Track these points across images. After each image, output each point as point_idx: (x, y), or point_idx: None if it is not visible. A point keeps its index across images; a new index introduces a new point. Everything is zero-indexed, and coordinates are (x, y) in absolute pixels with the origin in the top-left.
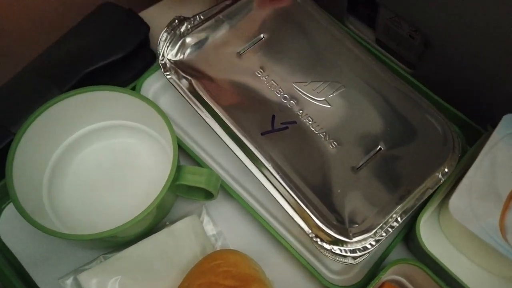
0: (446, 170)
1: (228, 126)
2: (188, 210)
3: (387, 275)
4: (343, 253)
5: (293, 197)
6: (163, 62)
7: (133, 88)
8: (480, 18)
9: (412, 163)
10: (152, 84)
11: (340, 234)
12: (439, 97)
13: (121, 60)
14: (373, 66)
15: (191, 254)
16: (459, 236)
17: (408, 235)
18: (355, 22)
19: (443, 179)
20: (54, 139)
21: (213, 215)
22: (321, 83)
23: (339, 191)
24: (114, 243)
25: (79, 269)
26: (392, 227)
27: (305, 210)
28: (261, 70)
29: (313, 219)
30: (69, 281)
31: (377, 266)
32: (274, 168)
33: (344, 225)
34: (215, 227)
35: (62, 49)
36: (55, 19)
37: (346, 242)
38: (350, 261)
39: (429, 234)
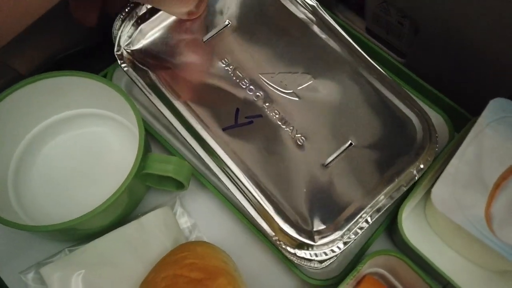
0: (422, 166)
1: (187, 120)
2: (161, 202)
3: (367, 267)
4: (308, 257)
5: (254, 197)
6: (119, 52)
7: (105, 76)
8: (465, 2)
9: (385, 159)
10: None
11: (305, 236)
12: (431, 86)
13: (95, 48)
14: (347, 57)
15: (161, 248)
16: (444, 227)
17: (391, 226)
18: (345, 10)
19: (418, 175)
20: (18, 128)
21: (187, 207)
22: (290, 74)
23: (304, 190)
24: (80, 235)
25: (42, 263)
26: (361, 228)
27: (267, 212)
28: (226, 59)
29: (275, 221)
30: (31, 275)
31: (358, 258)
32: (236, 165)
33: (309, 227)
34: (189, 219)
35: (32, 34)
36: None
37: (311, 245)
38: (316, 265)
39: (414, 225)
